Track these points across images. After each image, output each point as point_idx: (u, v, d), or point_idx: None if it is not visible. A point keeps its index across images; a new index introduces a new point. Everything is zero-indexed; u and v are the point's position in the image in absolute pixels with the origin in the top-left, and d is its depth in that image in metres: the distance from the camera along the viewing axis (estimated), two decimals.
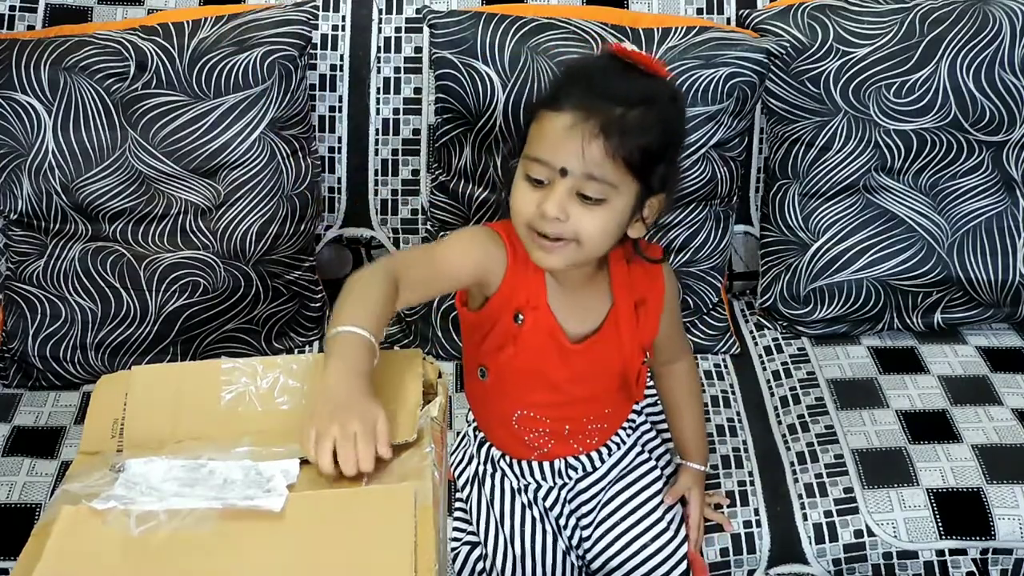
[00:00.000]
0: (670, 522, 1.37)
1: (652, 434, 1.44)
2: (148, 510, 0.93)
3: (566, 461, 1.35)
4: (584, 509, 1.37)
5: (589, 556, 1.37)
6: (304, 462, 0.98)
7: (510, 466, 1.36)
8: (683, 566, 1.35)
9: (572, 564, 1.36)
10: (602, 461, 1.37)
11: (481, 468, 1.38)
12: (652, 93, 1.15)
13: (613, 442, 1.38)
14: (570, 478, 1.36)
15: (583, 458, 1.36)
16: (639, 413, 1.43)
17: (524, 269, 1.22)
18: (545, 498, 1.37)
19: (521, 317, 1.24)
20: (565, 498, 1.37)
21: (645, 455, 1.41)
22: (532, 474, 1.35)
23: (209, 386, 1.08)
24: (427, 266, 1.21)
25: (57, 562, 0.89)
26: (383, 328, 1.09)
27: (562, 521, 1.37)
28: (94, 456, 1.06)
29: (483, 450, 1.37)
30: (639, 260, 1.26)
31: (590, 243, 1.16)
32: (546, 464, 1.35)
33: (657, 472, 1.40)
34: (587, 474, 1.37)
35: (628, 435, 1.40)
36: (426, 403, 1.05)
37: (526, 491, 1.36)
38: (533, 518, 1.35)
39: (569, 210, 1.14)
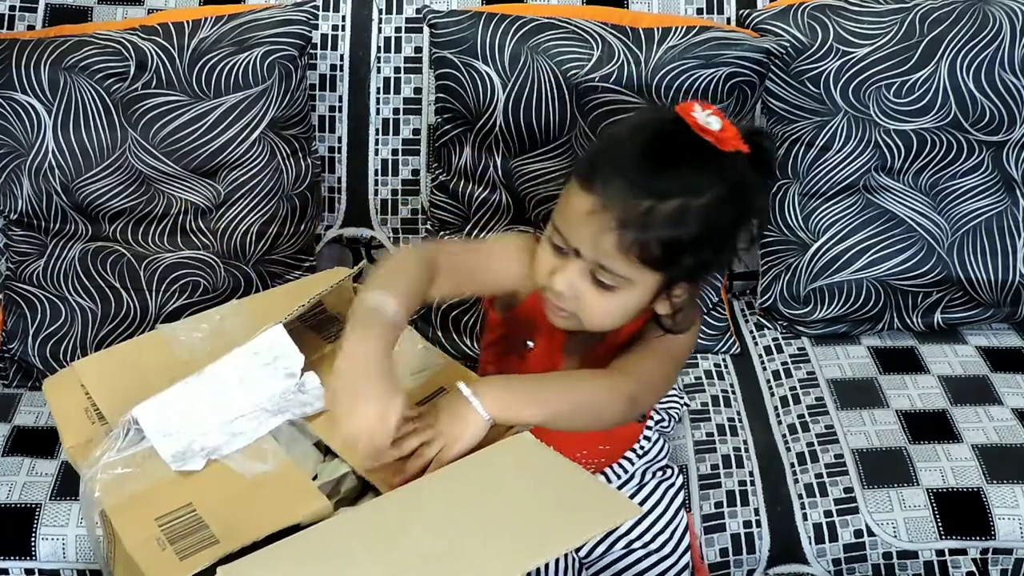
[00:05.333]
0: (673, 531, 1.36)
1: (663, 454, 1.43)
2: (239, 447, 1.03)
3: None
4: None
5: (590, 559, 1.36)
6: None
7: None
8: (686, 573, 1.35)
9: (572, 560, 1.36)
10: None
11: None
12: (701, 179, 1.06)
13: (615, 473, 1.37)
14: None
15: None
16: (649, 440, 1.41)
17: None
18: None
19: (531, 344, 1.22)
20: None
21: (650, 476, 1.40)
22: None
23: (159, 350, 1.14)
24: (470, 261, 1.20)
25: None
26: (414, 307, 1.09)
27: None
28: (87, 444, 1.08)
29: None
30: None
31: (592, 324, 1.14)
32: None
33: (661, 477, 1.40)
34: None
35: (632, 463, 1.38)
36: None
37: None
38: None
39: (579, 288, 1.10)
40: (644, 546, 1.34)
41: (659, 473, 1.40)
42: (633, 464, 1.39)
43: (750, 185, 1.10)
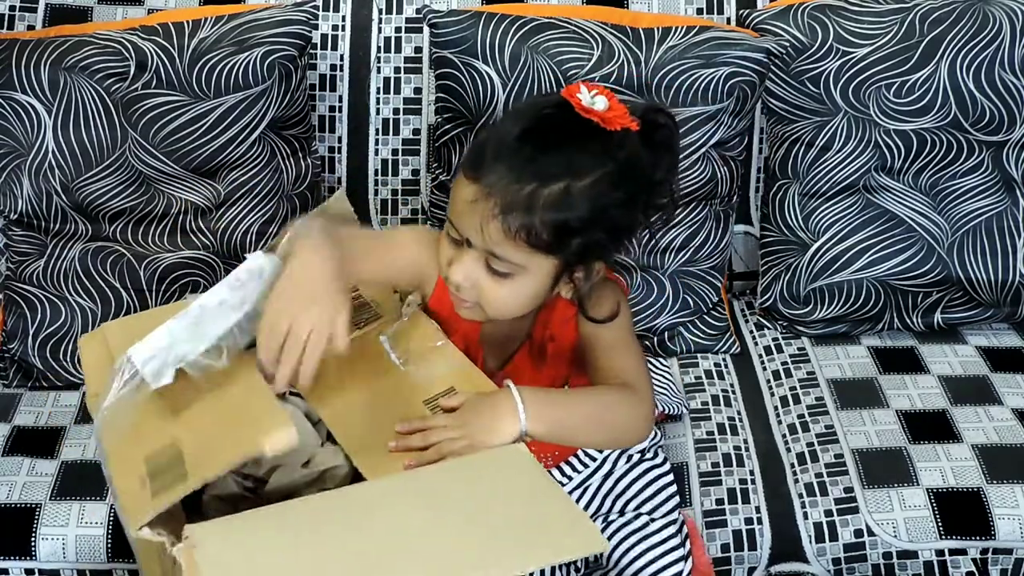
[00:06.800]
0: (674, 533, 1.35)
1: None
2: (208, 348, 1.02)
3: None
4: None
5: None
6: None
7: None
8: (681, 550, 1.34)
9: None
10: (568, 478, 1.36)
11: None
12: (586, 159, 1.06)
13: (573, 468, 1.37)
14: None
15: (553, 471, 1.35)
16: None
17: None
18: None
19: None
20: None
21: (625, 459, 1.38)
22: None
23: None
24: (370, 239, 1.22)
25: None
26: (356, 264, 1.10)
27: None
28: (99, 394, 1.09)
29: None
30: (554, 302, 1.19)
31: (493, 312, 1.13)
32: None
33: (637, 460, 1.39)
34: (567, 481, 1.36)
35: (593, 459, 1.38)
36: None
37: None
38: None
39: (476, 277, 1.10)
40: (643, 538, 1.33)
41: (636, 456, 1.39)
42: (601, 451, 1.38)
43: (643, 162, 1.10)
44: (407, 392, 1.12)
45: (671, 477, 1.40)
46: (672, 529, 1.34)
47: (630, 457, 1.39)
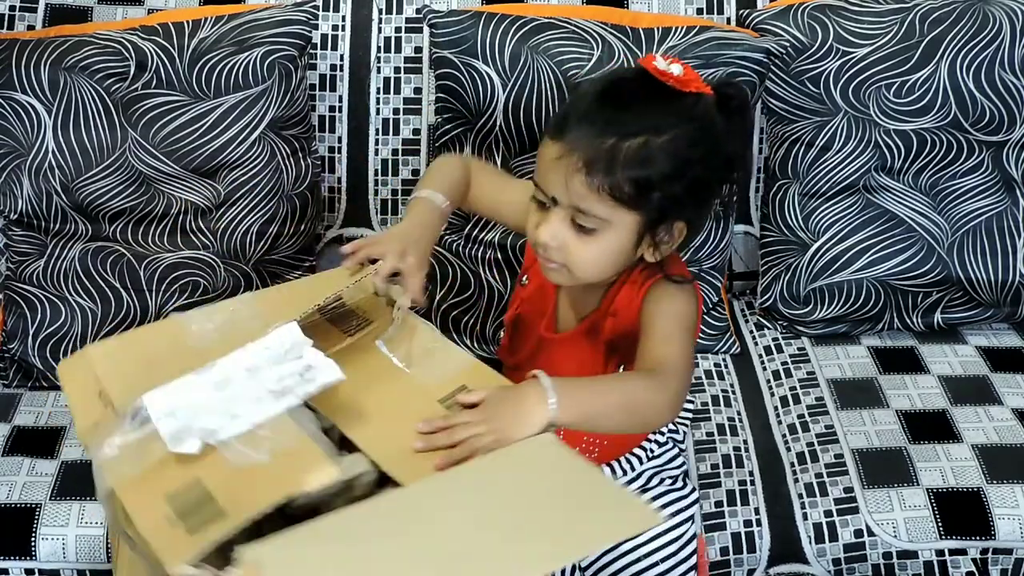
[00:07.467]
0: (673, 540, 1.35)
1: (675, 463, 1.42)
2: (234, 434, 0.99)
3: None
4: None
5: (585, 559, 1.36)
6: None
7: None
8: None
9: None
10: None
11: None
12: (664, 118, 1.11)
13: (620, 468, 1.37)
14: None
15: None
16: (659, 444, 1.40)
17: None
18: None
19: (526, 279, 1.28)
20: None
21: (657, 481, 1.38)
22: None
23: (170, 338, 1.13)
24: (495, 184, 1.34)
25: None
26: (456, 202, 1.27)
27: None
28: (97, 426, 1.07)
29: None
30: (633, 275, 1.22)
31: (581, 272, 1.17)
32: None
33: (670, 486, 1.39)
34: None
35: (641, 462, 1.38)
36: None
37: None
38: None
39: (562, 237, 1.15)
40: (635, 548, 1.33)
41: (668, 481, 1.39)
42: (641, 463, 1.38)
43: (717, 127, 1.14)
44: (418, 394, 1.11)
45: (692, 511, 1.39)
46: (678, 544, 1.35)
47: (663, 480, 1.39)
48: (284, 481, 0.94)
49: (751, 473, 1.50)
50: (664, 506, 1.36)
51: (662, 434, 1.40)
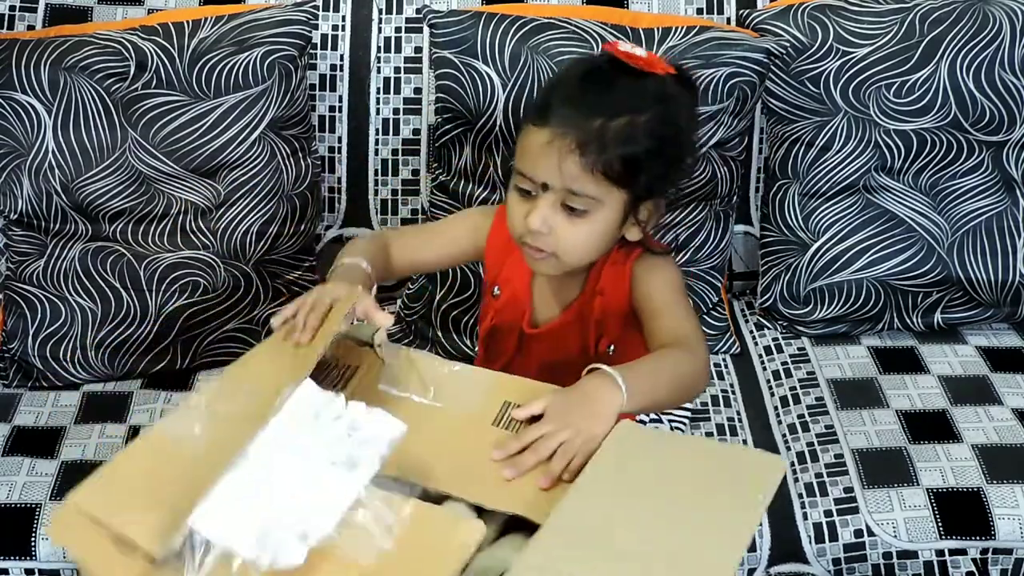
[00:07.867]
0: None
1: None
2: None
3: None
4: None
5: None
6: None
7: None
8: None
9: None
10: None
11: None
12: (641, 98, 1.15)
13: None
14: None
15: None
16: (660, 421, 1.41)
17: (509, 245, 1.26)
18: None
19: (498, 290, 1.29)
20: None
21: None
22: None
23: (157, 457, 0.98)
24: (423, 233, 1.35)
25: None
26: (379, 273, 1.24)
27: None
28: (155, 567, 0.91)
29: None
30: (613, 255, 1.25)
31: (570, 256, 1.19)
32: None
33: None
34: None
35: None
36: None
37: None
38: None
39: (553, 221, 1.16)
40: None
41: None
42: None
43: (686, 102, 1.21)
44: (466, 424, 1.05)
45: None
46: None
47: None
48: (446, 558, 0.86)
49: None
50: None
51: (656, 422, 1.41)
